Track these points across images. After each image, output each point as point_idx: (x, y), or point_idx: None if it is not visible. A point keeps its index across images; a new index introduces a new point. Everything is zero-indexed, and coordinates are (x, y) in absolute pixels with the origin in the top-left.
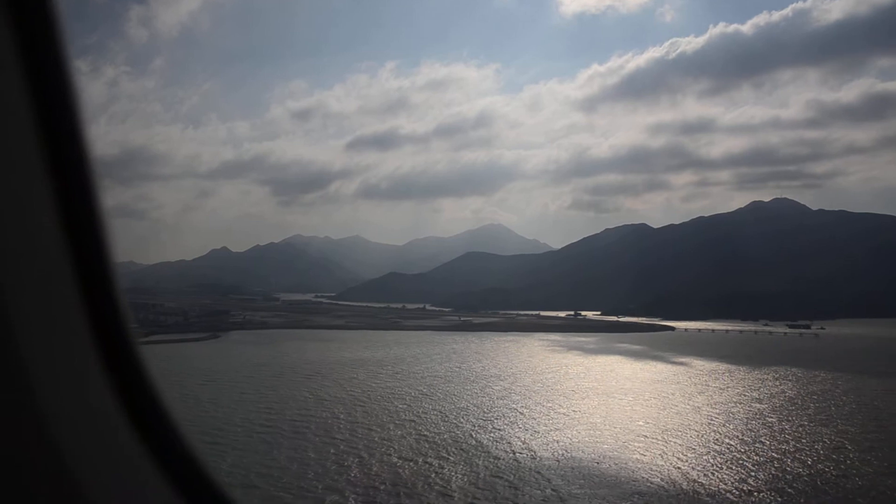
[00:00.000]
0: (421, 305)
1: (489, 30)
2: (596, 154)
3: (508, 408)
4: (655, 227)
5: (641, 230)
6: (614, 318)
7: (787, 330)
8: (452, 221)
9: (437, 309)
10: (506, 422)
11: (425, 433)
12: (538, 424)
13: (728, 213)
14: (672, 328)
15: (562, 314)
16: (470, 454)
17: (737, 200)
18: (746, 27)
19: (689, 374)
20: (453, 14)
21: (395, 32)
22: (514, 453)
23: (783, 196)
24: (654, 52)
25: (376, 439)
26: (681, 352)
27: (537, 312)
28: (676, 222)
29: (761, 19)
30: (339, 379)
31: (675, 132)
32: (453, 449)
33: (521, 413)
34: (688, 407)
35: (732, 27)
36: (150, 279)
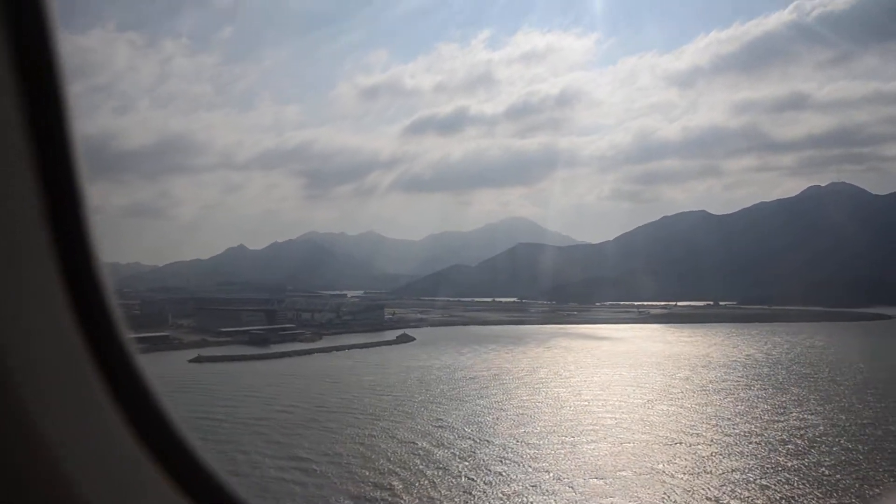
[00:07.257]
0: (514, 299)
1: None
2: (662, 136)
3: None
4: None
5: (702, 217)
6: (762, 307)
7: None
8: (477, 215)
9: (542, 301)
10: None
11: None
12: None
13: (791, 197)
14: (888, 316)
15: (699, 303)
16: None
17: (782, 188)
18: None
19: None
20: None
21: None
22: None
23: (840, 180)
24: (782, 16)
25: None
26: None
27: (663, 302)
28: (719, 212)
29: None
30: None
31: (760, 111)
32: None
33: None
34: None
35: None
36: (173, 279)
